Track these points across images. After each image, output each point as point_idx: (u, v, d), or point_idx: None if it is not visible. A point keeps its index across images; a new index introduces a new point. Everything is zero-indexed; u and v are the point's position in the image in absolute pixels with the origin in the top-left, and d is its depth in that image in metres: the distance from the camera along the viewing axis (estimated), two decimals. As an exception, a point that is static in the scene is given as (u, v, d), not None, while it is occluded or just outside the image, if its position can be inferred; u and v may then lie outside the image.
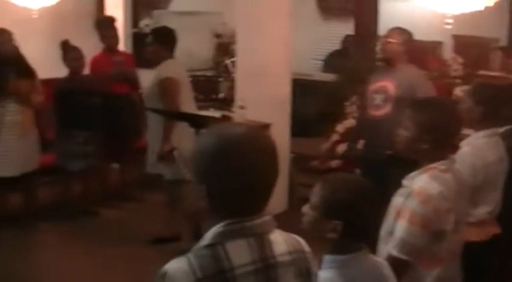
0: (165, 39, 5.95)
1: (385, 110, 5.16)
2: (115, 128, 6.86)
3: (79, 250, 6.04)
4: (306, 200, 2.57)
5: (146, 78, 8.05)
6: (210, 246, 1.80)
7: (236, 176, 1.79)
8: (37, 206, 6.69)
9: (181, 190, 5.85)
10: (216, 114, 4.84)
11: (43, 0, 8.75)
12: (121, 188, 7.48)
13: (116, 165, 7.57)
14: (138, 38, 9.89)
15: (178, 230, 5.96)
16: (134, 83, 7.21)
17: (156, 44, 5.88)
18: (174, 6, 11.38)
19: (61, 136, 6.69)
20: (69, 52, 6.66)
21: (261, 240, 1.84)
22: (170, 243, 5.88)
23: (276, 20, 6.62)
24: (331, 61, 10.35)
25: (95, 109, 6.69)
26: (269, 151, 1.87)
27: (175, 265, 1.79)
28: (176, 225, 6.00)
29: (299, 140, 7.22)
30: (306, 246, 2.00)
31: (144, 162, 6.33)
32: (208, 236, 1.82)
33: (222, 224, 1.81)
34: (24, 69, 6.20)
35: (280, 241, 1.90)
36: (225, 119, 4.85)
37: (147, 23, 10.80)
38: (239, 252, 1.80)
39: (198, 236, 1.87)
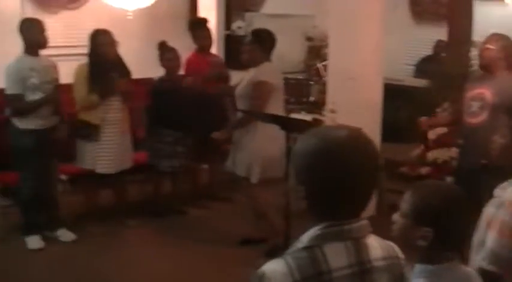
0: (265, 41, 5.88)
1: (482, 117, 5.02)
2: (206, 128, 6.92)
3: (166, 248, 6.13)
4: (394, 206, 2.54)
5: (235, 79, 8.11)
6: (307, 248, 1.79)
7: (338, 178, 1.78)
8: (127, 203, 6.84)
9: (251, 189, 5.89)
10: (307, 117, 4.82)
11: (138, 2, 8.95)
12: (210, 188, 7.55)
13: (205, 166, 7.62)
14: (230, 40, 9.98)
15: (266, 231, 5.99)
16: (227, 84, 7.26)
17: (256, 45, 5.83)
18: (266, 8, 11.41)
19: (152, 135, 6.79)
20: (165, 53, 6.76)
21: (358, 244, 1.83)
22: (257, 245, 5.92)
23: (369, 24, 6.57)
24: (423, 66, 10.21)
25: (187, 109, 6.79)
26: (371, 154, 1.85)
27: (273, 266, 1.78)
28: (264, 226, 6.02)
29: (389, 146, 7.13)
30: (399, 253, 1.98)
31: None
32: (306, 238, 1.82)
33: (320, 226, 1.81)
34: (123, 69, 6.34)
35: (376, 246, 1.89)
36: (316, 122, 4.84)
37: (239, 25, 10.87)
38: (337, 255, 1.79)
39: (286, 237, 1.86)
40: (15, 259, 4.62)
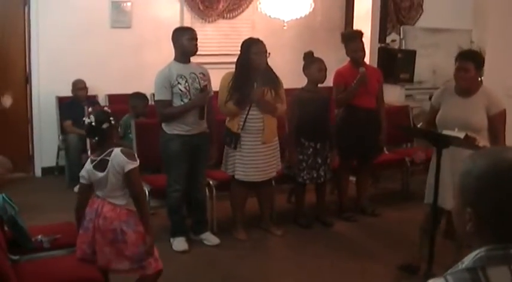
0: (482, 65, 5.39)
1: None
2: (351, 140, 6.87)
3: (308, 259, 6.12)
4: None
5: (391, 93, 7.94)
6: (470, 269, 1.74)
7: (509, 201, 1.72)
8: (274, 212, 6.88)
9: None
10: (460, 134, 4.67)
11: (293, 12, 9.04)
12: (357, 201, 7.47)
13: (352, 178, 7.54)
14: (383, 53, 9.89)
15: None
16: (379, 98, 7.14)
17: (478, 70, 5.26)
18: (422, 22, 11.25)
19: (291, 147, 6.74)
20: (313, 63, 6.72)
21: None
22: (399, 260, 5.81)
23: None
24: None
25: (329, 121, 6.79)
26: None
27: None
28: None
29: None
30: None
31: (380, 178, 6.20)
32: (469, 259, 1.77)
33: (484, 248, 1.75)
34: (269, 79, 6.35)
35: None
36: (468, 139, 4.67)
37: (393, 39, 10.76)
38: (500, 279, 1.71)
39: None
40: (161, 260, 4.76)
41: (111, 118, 4.32)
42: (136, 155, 4.36)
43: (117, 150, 4.24)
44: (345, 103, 6.93)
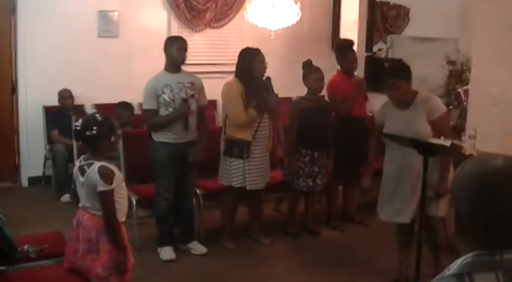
0: (408, 73, 5.39)
1: None
2: (345, 150, 6.89)
3: (296, 268, 6.13)
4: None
5: (378, 102, 7.93)
6: (456, 276, 1.74)
7: (487, 204, 1.73)
8: (262, 221, 6.87)
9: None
10: (446, 142, 4.68)
11: (280, 22, 9.08)
12: (344, 210, 7.48)
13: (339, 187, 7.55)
14: (370, 62, 9.92)
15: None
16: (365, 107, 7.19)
17: (407, 82, 5.29)
18: (409, 31, 11.31)
19: (291, 154, 6.76)
20: (311, 72, 6.74)
21: (510, 276, 1.75)
22: (388, 270, 5.81)
23: (515, 49, 6.35)
24: None
25: (328, 130, 6.80)
26: None
27: None
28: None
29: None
30: None
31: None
32: (456, 265, 1.77)
33: (471, 254, 1.76)
34: (268, 87, 6.36)
35: None
36: (454, 147, 4.68)
37: (380, 48, 10.81)
38: None
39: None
40: (148, 269, 4.75)
41: (94, 128, 4.20)
42: (115, 177, 4.15)
43: (95, 166, 4.11)
44: (348, 113, 6.97)
